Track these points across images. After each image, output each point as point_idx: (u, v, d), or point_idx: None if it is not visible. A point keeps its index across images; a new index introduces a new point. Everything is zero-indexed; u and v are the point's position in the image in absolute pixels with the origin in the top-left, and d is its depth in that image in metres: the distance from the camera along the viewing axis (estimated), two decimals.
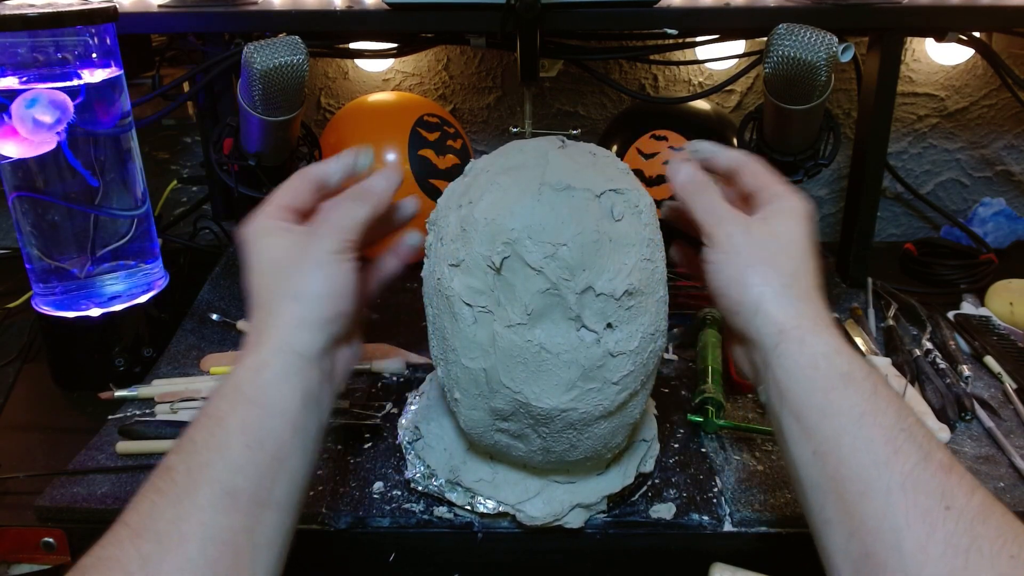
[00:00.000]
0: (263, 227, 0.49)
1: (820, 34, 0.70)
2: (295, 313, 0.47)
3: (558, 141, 0.55)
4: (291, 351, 0.46)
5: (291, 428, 0.45)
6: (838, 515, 0.41)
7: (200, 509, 0.40)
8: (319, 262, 0.47)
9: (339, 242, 0.48)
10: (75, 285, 0.76)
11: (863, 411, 0.42)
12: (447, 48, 1.14)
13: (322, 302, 0.47)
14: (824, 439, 0.43)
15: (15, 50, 0.68)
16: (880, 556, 0.39)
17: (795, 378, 0.45)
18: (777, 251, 0.48)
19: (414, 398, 0.69)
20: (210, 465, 0.42)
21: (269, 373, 0.45)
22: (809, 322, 0.46)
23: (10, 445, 0.70)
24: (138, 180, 0.77)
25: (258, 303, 0.48)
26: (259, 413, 0.44)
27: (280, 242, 0.49)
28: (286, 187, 0.51)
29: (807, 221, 0.49)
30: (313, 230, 0.49)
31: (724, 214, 0.50)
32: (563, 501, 0.58)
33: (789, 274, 0.47)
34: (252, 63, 0.73)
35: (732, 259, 0.48)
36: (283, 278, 0.48)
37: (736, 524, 0.59)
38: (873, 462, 0.41)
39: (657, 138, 0.99)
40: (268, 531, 0.43)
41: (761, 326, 0.47)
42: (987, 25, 0.97)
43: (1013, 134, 1.18)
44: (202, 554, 0.39)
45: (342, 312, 0.48)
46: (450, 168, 0.98)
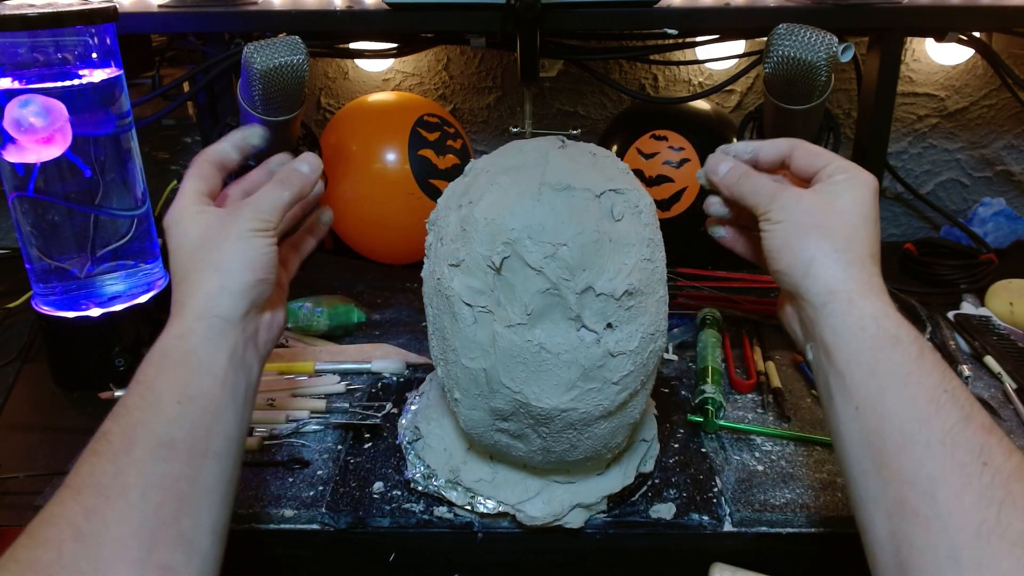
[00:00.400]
0: (184, 211, 0.51)
1: (820, 34, 0.70)
2: (215, 281, 0.48)
3: (558, 141, 0.55)
4: (213, 315, 0.48)
5: (220, 385, 0.46)
6: (875, 466, 0.42)
7: (138, 461, 0.42)
8: (240, 236, 0.49)
9: (259, 221, 0.50)
10: (75, 285, 0.76)
11: (908, 371, 0.43)
12: (447, 48, 1.14)
13: (243, 271, 0.49)
14: (867, 395, 0.44)
15: (15, 50, 0.68)
16: (913, 503, 0.40)
17: (842, 337, 0.45)
18: (832, 218, 0.48)
19: (414, 398, 0.69)
20: (144, 423, 0.44)
21: (194, 337, 0.47)
22: (859, 284, 0.47)
23: (10, 445, 0.70)
24: (138, 180, 0.77)
25: (180, 278, 0.50)
26: (187, 373, 0.46)
27: (200, 221, 0.50)
28: (195, 174, 0.53)
29: (871, 192, 0.49)
30: (234, 210, 0.51)
31: (775, 190, 0.51)
32: (563, 501, 0.58)
33: (843, 239, 0.47)
34: (252, 63, 0.72)
35: (785, 226, 0.49)
36: (204, 253, 0.49)
37: (736, 524, 0.59)
38: (914, 418, 0.42)
39: (657, 138, 0.99)
40: (210, 478, 0.44)
41: (811, 286, 0.47)
42: (987, 25, 0.97)
43: (1013, 134, 1.18)
44: (144, 500, 0.41)
45: (262, 280, 0.50)
46: (450, 168, 0.98)
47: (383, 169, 0.96)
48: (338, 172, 0.98)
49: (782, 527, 0.59)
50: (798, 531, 0.59)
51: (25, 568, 0.38)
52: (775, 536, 0.59)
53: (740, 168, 0.54)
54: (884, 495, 0.42)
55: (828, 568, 0.61)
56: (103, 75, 0.72)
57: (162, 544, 0.41)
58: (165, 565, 0.40)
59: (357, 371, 0.79)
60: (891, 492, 0.41)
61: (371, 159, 0.97)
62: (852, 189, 0.49)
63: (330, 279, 1.01)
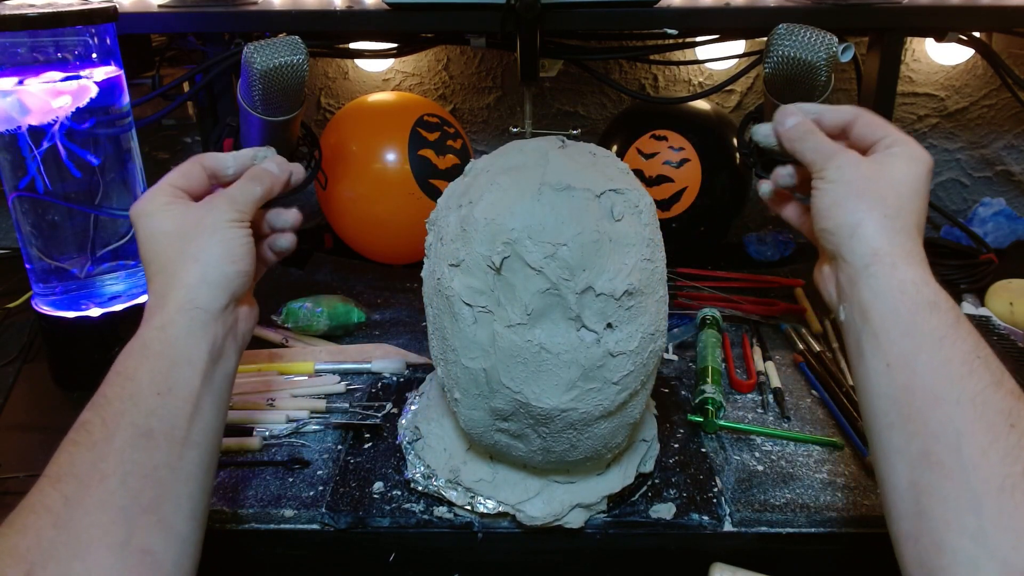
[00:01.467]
0: (153, 203, 0.51)
1: (820, 34, 0.70)
2: (196, 273, 0.48)
3: (558, 141, 0.55)
4: (194, 307, 0.48)
5: (200, 376, 0.47)
6: (901, 419, 0.43)
7: (118, 450, 0.42)
8: (216, 227, 0.50)
9: (236, 212, 0.51)
10: (75, 285, 0.76)
11: (943, 335, 0.44)
12: (447, 48, 1.14)
13: (222, 262, 0.49)
14: (900, 353, 0.45)
15: (15, 50, 0.68)
16: (938, 455, 0.41)
17: (882, 298, 0.46)
18: (886, 186, 0.48)
19: (414, 398, 0.69)
20: (123, 413, 0.44)
21: (174, 329, 0.47)
22: (903, 251, 0.47)
23: (10, 445, 0.70)
24: (138, 180, 0.77)
25: (157, 269, 0.49)
26: (167, 364, 0.46)
27: (173, 212, 0.50)
28: (180, 170, 0.53)
29: (925, 168, 0.50)
30: (208, 203, 0.51)
31: (835, 150, 0.51)
32: (563, 501, 0.58)
33: (893, 207, 0.48)
34: (252, 63, 0.72)
35: (838, 187, 0.49)
36: (182, 244, 0.49)
37: (736, 524, 0.59)
38: (946, 377, 0.43)
39: (657, 138, 0.99)
40: (189, 466, 0.45)
41: (856, 247, 0.48)
42: (987, 25, 0.97)
43: (1013, 134, 1.18)
44: (123, 487, 0.41)
45: (241, 271, 0.50)
46: (450, 168, 0.98)
47: (383, 169, 0.96)
48: (338, 172, 0.98)
49: (782, 527, 0.59)
50: (798, 531, 0.59)
51: (4, 555, 0.38)
52: (775, 536, 0.59)
53: (807, 124, 0.53)
54: (909, 447, 0.43)
55: (828, 568, 0.61)
56: (103, 75, 0.72)
57: (141, 529, 0.41)
58: (145, 549, 0.41)
59: (357, 371, 0.79)
60: (916, 444, 0.42)
61: (371, 159, 0.97)
62: (908, 162, 0.50)
63: (330, 279, 1.01)
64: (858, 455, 0.65)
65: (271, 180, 0.55)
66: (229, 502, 0.60)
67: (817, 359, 0.79)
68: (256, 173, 0.54)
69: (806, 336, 0.85)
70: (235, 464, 0.65)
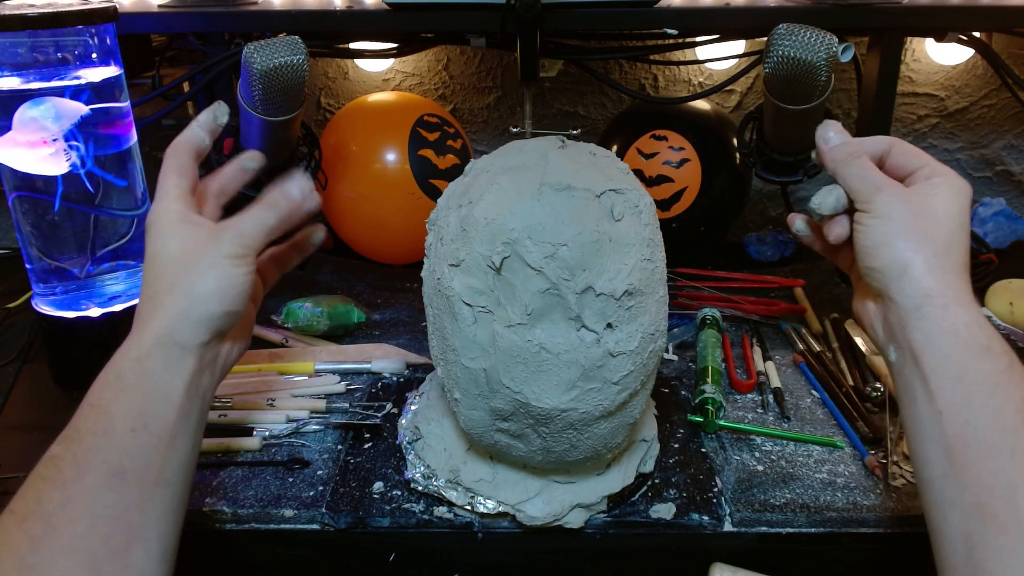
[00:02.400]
0: (169, 215, 0.49)
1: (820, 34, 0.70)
2: (181, 307, 0.47)
3: (558, 141, 0.55)
4: (173, 342, 0.46)
5: (176, 412, 0.46)
6: (953, 469, 0.43)
7: (88, 491, 0.41)
8: (215, 263, 0.48)
9: (240, 247, 0.49)
10: (75, 285, 0.76)
11: (996, 382, 0.44)
12: (447, 48, 1.14)
13: (211, 300, 0.47)
14: (952, 401, 0.44)
15: (15, 50, 0.68)
16: (992, 508, 0.41)
17: (933, 342, 0.46)
18: (933, 223, 0.48)
19: (414, 398, 0.69)
20: (95, 449, 0.43)
21: (151, 362, 0.46)
22: (954, 292, 0.47)
23: (10, 445, 0.70)
24: (138, 180, 0.77)
25: (150, 293, 0.48)
26: (143, 398, 0.45)
27: (182, 234, 0.49)
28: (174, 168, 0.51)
29: (967, 200, 0.49)
30: (218, 231, 0.49)
31: (882, 182, 0.50)
32: (563, 501, 0.58)
33: (942, 246, 0.47)
34: (252, 63, 0.72)
35: (887, 223, 0.48)
36: (178, 272, 0.48)
37: (736, 524, 0.59)
38: (1000, 427, 0.42)
39: (657, 138, 0.99)
40: (160, 506, 0.44)
41: (906, 287, 0.47)
42: (987, 25, 0.97)
43: (1013, 134, 1.18)
44: (92, 531, 0.41)
45: (230, 312, 0.48)
46: (450, 168, 0.98)
47: (383, 169, 0.96)
48: (338, 172, 0.98)
49: (782, 527, 0.59)
50: (798, 531, 0.59)
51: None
52: (775, 536, 0.59)
53: (854, 147, 0.52)
54: (961, 498, 0.42)
55: (828, 568, 0.61)
56: (103, 75, 0.72)
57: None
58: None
59: (357, 371, 0.79)
60: (969, 495, 0.42)
61: (371, 159, 0.97)
62: (952, 195, 0.49)
63: (330, 279, 1.01)
64: (858, 455, 0.65)
65: (289, 207, 0.52)
66: (229, 502, 0.60)
67: (817, 359, 0.79)
68: (273, 199, 0.52)
69: (806, 336, 0.85)
70: (235, 464, 0.65)
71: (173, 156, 0.52)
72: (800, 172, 0.85)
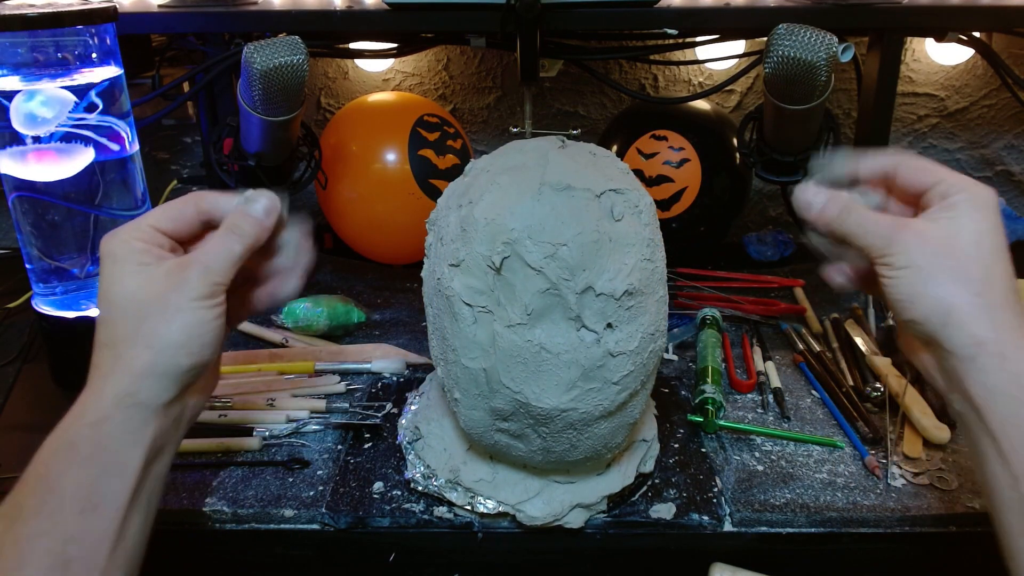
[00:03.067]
0: (130, 248, 0.44)
1: (820, 34, 0.70)
2: (146, 361, 0.42)
3: (558, 141, 0.55)
4: (135, 403, 0.42)
5: (132, 487, 0.42)
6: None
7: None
8: (181, 308, 0.43)
9: (208, 285, 0.44)
10: (75, 285, 0.76)
11: None
12: (447, 48, 1.14)
13: (179, 352, 0.43)
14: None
15: (15, 50, 0.68)
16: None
17: (996, 396, 0.41)
18: (963, 257, 0.42)
19: (414, 398, 0.69)
20: (40, 535, 0.39)
21: (109, 427, 0.41)
22: (1009, 334, 0.42)
23: (10, 445, 0.70)
24: (138, 180, 0.77)
25: (106, 341, 0.43)
26: (96, 473, 0.41)
27: (144, 273, 0.43)
28: (169, 208, 0.46)
29: (994, 213, 0.44)
30: (182, 269, 0.44)
31: (890, 229, 0.44)
32: (563, 501, 0.58)
33: (980, 280, 0.42)
34: (252, 63, 0.73)
35: (912, 273, 0.43)
36: (139, 319, 0.42)
37: (736, 524, 0.59)
38: None
39: (657, 138, 0.99)
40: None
41: (954, 336, 0.42)
42: (987, 25, 0.97)
43: (1013, 134, 1.18)
44: None
45: (198, 363, 0.44)
46: (450, 168, 0.98)
47: (383, 169, 0.96)
48: (338, 172, 0.98)
49: (782, 527, 0.59)
50: (798, 531, 0.59)
51: None
52: (775, 536, 0.59)
53: (840, 201, 0.46)
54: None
55: (828, 568, 0.61)
56: (103, 75, 0.72)
57: None
58: None
59: (357, 371, 0.79)
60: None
61: (371, 159, 0.97)
62: (975, 214, 0.43)
63: (330, 279, 1.01)
64: (858, 455, 0.65)
65: (254, 230, 0.46)
66: (229, 502, 0.60)
67: (817, 359, 0.79)
68: (235, 223, 0.46)
69: (806, 336, 0.85)
70: (235, 464, 0.65)
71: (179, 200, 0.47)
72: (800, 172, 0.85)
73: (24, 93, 0.67)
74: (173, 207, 0.47)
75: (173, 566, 0.61)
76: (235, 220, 0.46)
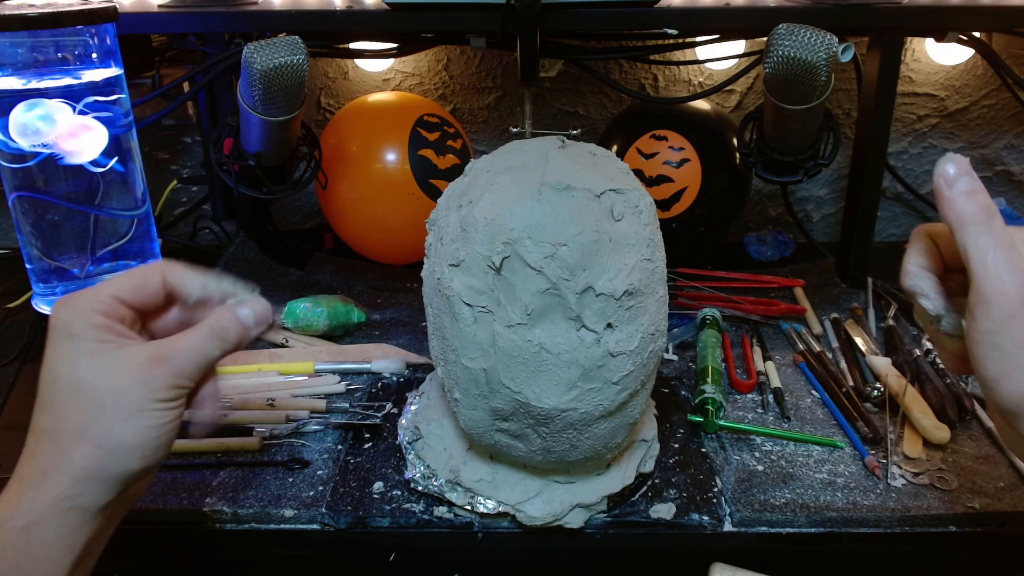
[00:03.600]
0: (87, 322, 0.39)
1: (820, 34, 0.70)
2: (93, 462, 0.38)
3: (558, 141, 0.55)
4: (73, 507, 0.38)
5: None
6: None
7: None
8: (141, 408, 0.39)
9: (174, 389, 0.40)
10: (75, 285, 0.76)
11: None
12: (447, 48, 1.14)
13: (132, 455, 0.39)
14: None
15: (15, 50, 0.68)
16: None
17: None
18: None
19: (414, 398, 0.69)
20: None
21: (41, 531, 0.38)
22: None
23: (10, 445, 0.70)
24: (138, 180, 0.77)
25: (48, 429, 0.39)
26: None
27: (102, 359, 0.39)
28: (133, 276, 0.42)
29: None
30: (150, 365, 0.40)
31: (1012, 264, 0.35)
32: (563, 501, 0.58)
33: None
34: (252, 63, 0.73)
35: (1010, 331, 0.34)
36: (92, 413, 0.38)
37: (736, 524, 0.59)
38: None
39: (657, 138, 0.99)
40: None
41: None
42: (987, 25, 0.97)
43: (1013, 134, 1.18)
44: None
45: (148, 467, 0.40)
46: (450, 168, 0.98)
47: (383, 169, 0.96)
48: (338, 172, 0.98)
49: (782, 527, 0.59)
50: (798, 531, 0.59)
51: None
52: (775, 536, 0.59)
53: (985, 204, 0.37)
54: None
55: (828, 568, 0.61)
56: (103, 75, 0.72)
57: None
58: None
59: (357, 371, 0.79)
60: None
61: (371, 159, 0.97)
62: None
63: (330, 279, 1.01)
64: (858, 455, 0.65)
65: (239, 339, 0.43)
66: (229, 502, 0.60)
67: (817, 359, 0.79)
68: (222, 325, 0.42)
69: (806, 336, 0.85)
70: (235, 464, 0.65)
71: (145, 266, 0.43)
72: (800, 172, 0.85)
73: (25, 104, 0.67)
74: (137, 275, 0.43)
75: (173, 566, 0.61)
76: (222, 322, 0.43)
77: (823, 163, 0.84)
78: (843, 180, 1.20)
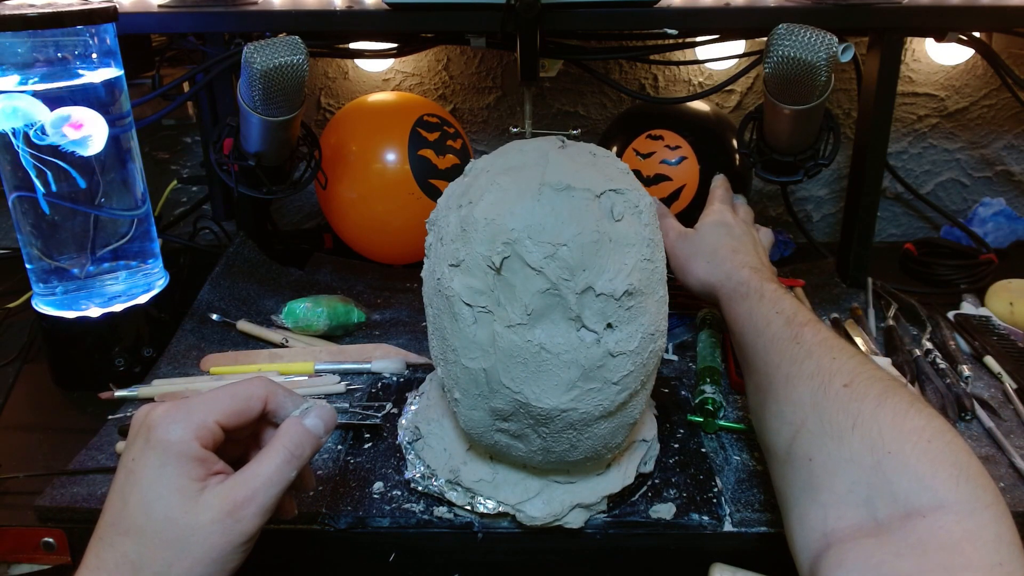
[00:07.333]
0: (187, 451, 0.40)
1: (820, 34, 0.70)
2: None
3: (558, 141, 0.55)
4: None
5: None
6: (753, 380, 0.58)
7: None
8: (223, 553, 0.40)
9: (258, 526, 0.41)
10: (75, 285, 0.76)
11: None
12: (447, 48, 1.14)
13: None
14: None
15: (15, 50, 0.68)
16: (763, 385, 0.55)
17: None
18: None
19: (414, 398, 0.69)
20: None
21: None
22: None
23: (10, 445, 0.70)
24: (138, 180, 0.77)
25: (134, 557, 0.40)
26: None
27: (192, 500, 0.40)
28: (238, 399, 0.43)
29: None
30: (236, 508, 0.41)
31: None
32: (563, 501, 0.58)
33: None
34: (252, 63, 0.73)
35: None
36: (175, 551, 0.39)
37: (736, 524, 0.59)
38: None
39: (653, 137, 0.99)
40: None
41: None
42: (987, 25, 0.97)
43: (1013, 134, 1.18)
44: None
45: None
46: (450, 168, 0.98)
47: (383, 169, 0.96)
48: (338, 172, 0.98)
49: (782, 527, 0.59)
50: None
51: None
52: (775, 536, 0.59)
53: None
54: (756, 397, 0.57)
55: None
56: (103, 75, 0.72)
57: None
58: None
59: (357, 371, 0.79)
60: (759, 391, 0.56)
61: (371, 159, 0.97)
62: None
63: (330, 279, 1.01)
64: None
65: (313, 450, 0.44)
66: None
67: None
68: (296, 445, 0.42)
69: None
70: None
71: (251, 387, 0.44)
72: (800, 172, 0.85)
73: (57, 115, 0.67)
74: (243, 398, 0.44)
75: None
76: (296, 439, 0.43)
77: (823, 163, 0.84)
78: (843, 180, 1.20)
